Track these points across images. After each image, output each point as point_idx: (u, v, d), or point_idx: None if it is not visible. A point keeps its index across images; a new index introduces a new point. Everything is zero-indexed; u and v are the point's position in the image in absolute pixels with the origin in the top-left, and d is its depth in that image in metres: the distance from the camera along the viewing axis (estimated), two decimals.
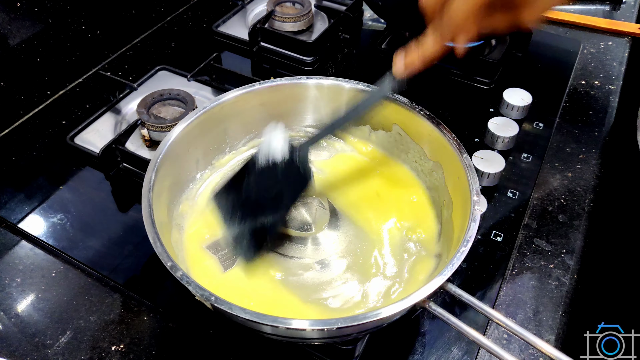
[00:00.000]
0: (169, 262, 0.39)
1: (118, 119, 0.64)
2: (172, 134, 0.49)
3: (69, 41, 0.68)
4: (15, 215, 0.55)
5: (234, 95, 0.53)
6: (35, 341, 0.46)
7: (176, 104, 0.62)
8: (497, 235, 0.54)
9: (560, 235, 0.54)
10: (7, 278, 0.50)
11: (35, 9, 0.63)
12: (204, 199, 0.52)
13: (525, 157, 0.61)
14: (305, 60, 0.74)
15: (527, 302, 0.49)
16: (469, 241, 0.40)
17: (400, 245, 0.49)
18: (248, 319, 0.36)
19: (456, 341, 0.46)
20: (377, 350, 0.46)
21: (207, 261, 0.47)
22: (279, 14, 0.77)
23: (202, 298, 0.38)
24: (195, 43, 0.78)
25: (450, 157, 0.49)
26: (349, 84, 0.54)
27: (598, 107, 0.69)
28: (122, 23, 0.75)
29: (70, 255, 0.52)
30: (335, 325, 0.36)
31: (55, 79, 0.68)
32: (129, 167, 0.59)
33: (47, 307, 0.48)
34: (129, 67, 0.73)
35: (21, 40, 0.63)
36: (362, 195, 0.53)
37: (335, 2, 0.84)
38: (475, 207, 0.43)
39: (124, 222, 0.55)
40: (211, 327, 0.47)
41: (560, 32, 0.81)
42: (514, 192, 0.58)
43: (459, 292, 0.40)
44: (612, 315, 0.46)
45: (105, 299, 0.49)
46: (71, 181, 0.59)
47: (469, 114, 0.66)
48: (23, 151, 0.62)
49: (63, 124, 0.65)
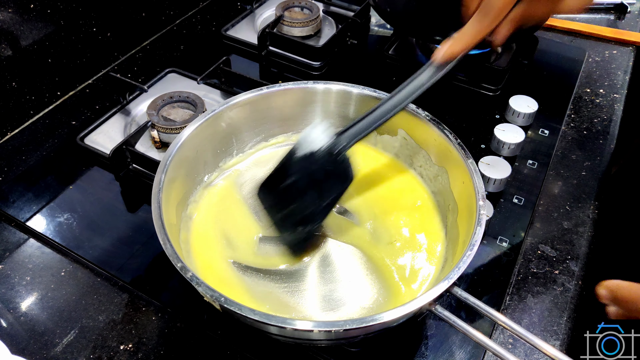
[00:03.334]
0: (179, 263, 0.39)
1: (127, 121, 0.65)
2: (182, 136, 0.49)
3: (79, 42, 0.69)
4: (24, 214, 0.55)
5: (243, 98, 0.53)
6: (44, 339, 0.46)
7: (186, 107, 0.63)
8: (503, 241, 0.54)
9: (565, 241, 0.55)
10: (17, 276, 0.51)
11: (48, 11, 0.64)
12: (211, 201, 0.53)
13: (531, 164, 0.62)
14: (313, 65, 0.74)
15: (532, 307, 0.49)
16: (475, 245, 0.41)
17: (405, 249, 0.49)
18: (257, 320, 0.37)
19: (461, 345, 0.46)
20: (382, 353, 0.46)
21: (215, 263, 0.48)
22: (287, 19, 0.77)
23: (211, 299, 0.38)
24: (204, 46, 0.79)
25: (455, 161, 0.49)
26: (357, 89, 0.55)
27: (603, 115, 0.69)
28: (132, 25, 0.76)
29: (79, 255, 0.52)
30: (343, 327, 0.36)
31: (66, 79, 0.69)
32: (138, 168, 0.59)
33: (56, 306, 0.49)
34: (138, 69, 0.74)
35: (33, 41, 0.63)
36: (366, 199, 0.54)
37: (343, 7, 0.85)
38: (481, 211, 0.43)
39: (133, 222, 0.55)
40: (219, 327, 0.47)
41: (565, 41, 0.81)
42: (519, 199, 0.58)
43: (465, 295, 0.40)
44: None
45: (114, 298, 0.49)
46: (80, 181, 0.60)
47: (475, 120, 0.67)
48: (33, 151, 0.62)
49: (73, 124, 0.66)
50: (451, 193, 0.50)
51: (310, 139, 0.47)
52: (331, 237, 0.50)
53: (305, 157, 0.47)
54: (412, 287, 0.47)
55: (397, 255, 0.49)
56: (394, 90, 0.48)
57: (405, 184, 0.55)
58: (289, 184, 0.48)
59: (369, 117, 0.48)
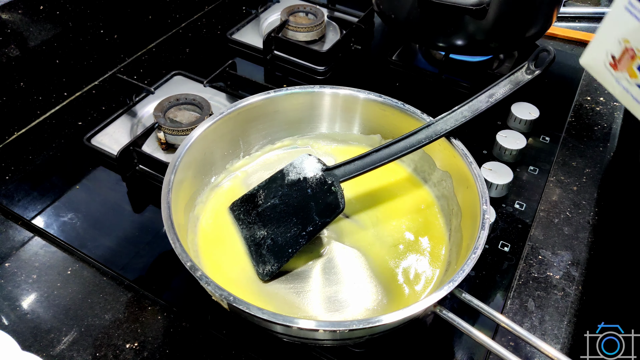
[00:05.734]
0: (189, 262, 0.40)
1: (134, 122, 0.66)
2: (190, 138, 0.50)
3: (87, 44, 0.70)
4: (30, 213, 0.56)
5: (251, 101, 0.54)
6: (50, 337, 0.47)
7: (192, 109, 0.63)
8: (505, 246, 0.55)
9: (566, 247, 0.55)
10: (23, 274, 0.51)
11: (57, 12, 0.64)
12: (218, 203, 0.53)
13: (532, 170, 0.63)
14: (318, 69, 0.75)
15: (533, 311, 0.50)
16: (479, 248, 0.42)
17: (409, 252, 0.50)
18: (264, 319, 0.37)
19: (464, 347, 0.47)
20: (386, 354, 0.47)
21: (222, 263, 0.48)
22: (292, 24, 0.78)
23: (219, 298, 0.39)
24: (209, 50, 0.80)
25: (459, 166, 0.50)
26: (363, 94, 0.55)
27: (603, 123, 0.70)
28: (138, 28, 0.77)
29: (85, 253, 0.52)
30: (349, 327, 0.37)
31: (73, 80, 0.70)
32: (145, 169, 0.60)
33: (62, 304, 0.49)
34: (144, 72, 0.75)
35: (41, 41, 0.64)
36: (371, 203, 0.54)
37: (347, 13, 0.86)
38: (485, 215, 0.44)
39: (139, 222, 0.56)
40: (224, 327, 0.47)
41: (566, 49, 0.83)
42: (520, 204, 0.59)
43: (469, 297, 0.41)
44: (612, 315, 0.47)
45: (120, 297, 0.50)
46: (86, 181, 0.60)
47: (477, 126, 0.68)
48: (39, 151, 0.63)
49: (79, 125, 0.66)
50: (455, 197, 0.51)
51: (302, 166, 0.48)
52: (336, 239, 0.51)
53: (295, 182, 0.48)
54: (416, 289, 0.47)
55: (401, 258, 0.49)
56: (396, 138, 0.50)
57: (409, 188, 0.56)
58: (272, 205, 0.48)
59: (367, 159, 0.49)
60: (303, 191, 0.48)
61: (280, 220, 0.48)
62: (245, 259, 0.49)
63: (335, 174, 0.48)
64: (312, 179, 0.48)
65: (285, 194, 0.48)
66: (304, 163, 0.49)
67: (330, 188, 0.47)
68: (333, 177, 0.47)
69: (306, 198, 0.48)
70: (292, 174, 0.49)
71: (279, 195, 0.49)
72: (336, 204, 0.46)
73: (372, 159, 0.49)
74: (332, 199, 0.47)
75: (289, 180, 0.49)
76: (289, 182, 0.49)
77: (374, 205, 0.54)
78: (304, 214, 0.47)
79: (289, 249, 0.47)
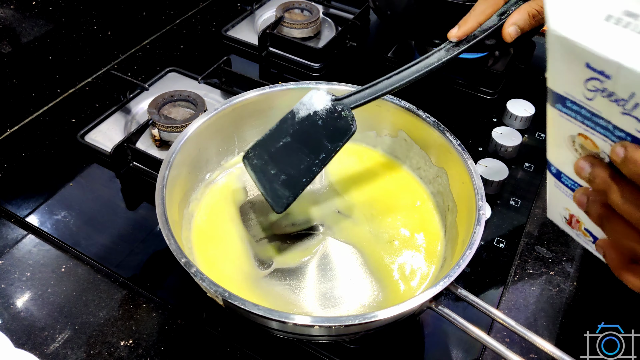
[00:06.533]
0: (183, 258, 0.40)
1: (127, 119, 0.65)
2: (185, 134, 0.50)
3: (80, 40, 0.69)
4: (24, 211, 0.55)
5: (246, 98, 0.54)
6: (44, 335, 0.46)
7: (186, 105, 0.63)
8: (500, 242, 0.55)
9: (561, 243, 0.56)
10: (17, 272, 0.51)
11: (50, 8, 0.64)
12: (213, 199, 0.53)
13: (528, 167, 0.63)
14: (313, 66, 0.75)
15: (528, 307, 0.50)
16: (475, 244, 0.42)
17: (405, 248, 0.50)
18: (260, 315, 0.37)
19: (459, 342, 0.47)
20: (381, 350, 0.47)
21: (216, 259, 0.48)
22: (287, 20, 0.78)
23: (214, 294, 0.38)
24: (204, 46, 0.80)
25: (455, 162, 0.50)
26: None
27: None
28: (132, 24, 0.76)
29: (79, 251, 0.52)
30: (344, 323, 0.37)
31: (66, 77, 0.69)
32: (139, 165, 0.60)
33: (56, 302, 0.49)
34: (138, 68, 0.74)
35: (34, 38, 0.64)
36: (366, 198, 0.54)
37: (342, 10, 0.86)
38: (480, 211, 0.44)
39: (133, 220, 0.56)
40: (219, 324, 0.47)
41: None
42: (516, 201, 0.59)
43: (465, 293, 0.41)
44: (612, 315, 0.47)
45: (115, 294, 0.49)
46: (80, 178, 0.60)
47: (473, 123, 0.68)
48: (33, 148, 0.62)
49: (73, 122, 0.66)
50: (450, 193, 0.51)
51: (312, 102, 0.47)
52: (331, 235, 0.51)
53: (305, 118, 0.47)
54: (411, 285, 0.47)
55: (397, 254, 0.49)
56: (406, 65, 0.48)
57: (404, 185, 0.55)
58: (284, 143, 0.48)
59: (377, 86, 0.48)
60: (314, 123, 0.47)
61: (292, 155, 0.47)
62: (240, 255, 0.49)
63: (345, 103, 0.47)
64: (322, 111, 0.47)
65: (296, 131, 0.48)
66: (313, 98, 0.48)
67: (341, 114, 0.46)
68: (343, 105, 0.47)
69: (317, 129, 0.47)
70: (302, 111, 0.48)
71: (290, 133, 0.48)
72: (347, 126, 0.46)
73: (383, 84, 0.48)
74: (343, 123, 0.46)
75: (299, 117, 0.48)
76: (300, 119, 0.48)
77: (370, 201, 0.54)
78: (316, 143, 0.47)
79: (302, 178, 0.46)
